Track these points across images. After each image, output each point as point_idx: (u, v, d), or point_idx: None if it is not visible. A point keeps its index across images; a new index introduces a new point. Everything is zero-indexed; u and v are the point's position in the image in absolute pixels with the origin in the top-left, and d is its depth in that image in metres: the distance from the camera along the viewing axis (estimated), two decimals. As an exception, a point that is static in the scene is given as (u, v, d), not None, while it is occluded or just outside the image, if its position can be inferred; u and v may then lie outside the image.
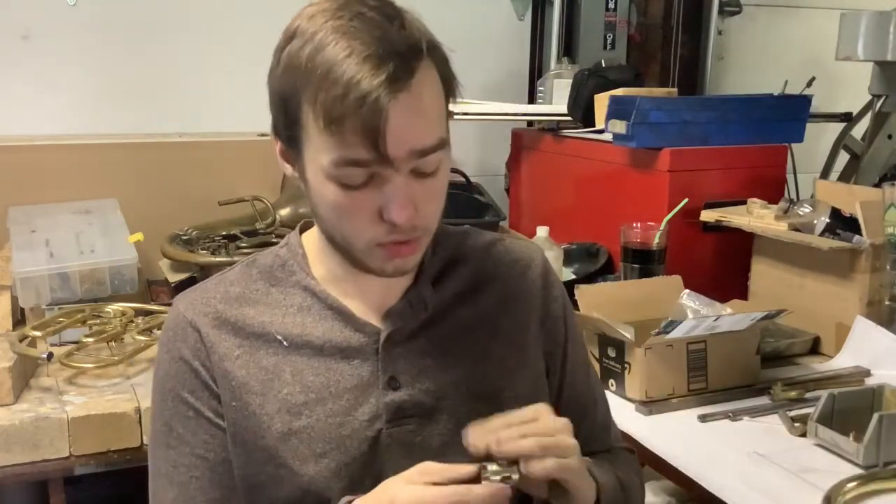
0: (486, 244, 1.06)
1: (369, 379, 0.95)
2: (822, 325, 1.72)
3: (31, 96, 2.18)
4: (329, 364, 0.95)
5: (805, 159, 2.25)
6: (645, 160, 1.92)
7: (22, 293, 1.80)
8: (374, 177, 0.85)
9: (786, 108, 2.05)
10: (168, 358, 0.97)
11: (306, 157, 0.88)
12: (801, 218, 1.73)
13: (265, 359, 0.95)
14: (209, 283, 1.00)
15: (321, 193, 0.89)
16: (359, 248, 0.90)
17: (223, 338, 0.95)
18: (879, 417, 1.25)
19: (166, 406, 0.97)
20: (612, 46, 2.59)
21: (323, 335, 0.95)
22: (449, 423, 0.96)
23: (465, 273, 1.02)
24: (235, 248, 2.01)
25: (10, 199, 2.03)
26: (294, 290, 0.98)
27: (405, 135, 0.83)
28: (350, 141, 0.83)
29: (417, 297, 0.98)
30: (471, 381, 0.98)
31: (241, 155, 2.27)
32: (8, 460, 1.41)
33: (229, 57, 2.33)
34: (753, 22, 2.91)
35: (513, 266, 1.05)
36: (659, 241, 1.76)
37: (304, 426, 0.93)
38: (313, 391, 0.94)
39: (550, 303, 1.06)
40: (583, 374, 1.10)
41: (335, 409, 0.93)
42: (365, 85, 0.81)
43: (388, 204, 0.86)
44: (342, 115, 0.82)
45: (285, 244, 1.02)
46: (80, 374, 1.61)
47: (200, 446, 0.95)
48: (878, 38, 2.11)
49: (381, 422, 0.94)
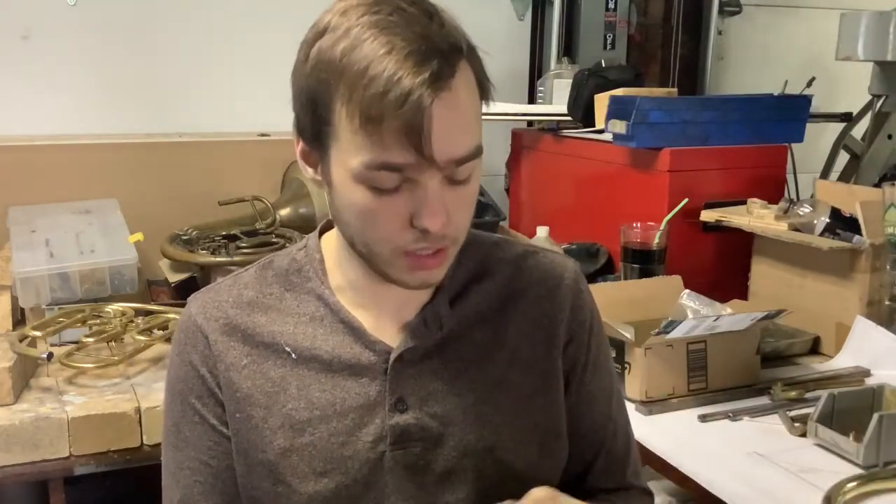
0: (515, 258, 1.00)
1: (376, 399, 0.91)
2: (822, 325, 1.72)
3: (31, 96, 2.18)
4: (336, 381, 0.92)
5: (805, 159, 2.25)
6: (645, 160, 1.92)
7: (22, 293, 1.80)
8: (406, 182, 0.81)
9: (786, 108, 2.05)
10: (179, 360, 0.96)
11: (333, 158, 0.83)
12: (801, 218, 1.73)
13: (272, 370, 0.92)
14: (223, 284, 0.98)
15: (347, 198, 0.83)
16: (383, 256, 0.85)
17: (232, 345, 0.93)
18: (879, 417, 1.25)
19: (175, 407, 0.96)
20: (612, 46, 2.59)
21: (332, 350, 0.92)
22: (455, 449, 0.92)
23: (490, 290, 0.97)
24: (235, 248, 2.01)
25: (10, 199, 2.03)
26: (308, 298, 0.95)
27: (447, 138, 0.79)
28: (388, 142, 0.78)
29: (433, 316, 0.93)
30: (481, 409, 0.93)
31: (241, 155, 2.27)
32: (8, 460, 1.41)
33: (229, 57, 2.34)
34: (753, 22, 2.91)
35: (541, 284, 0.99)
36: (659, 241, 1.76)
37: (306, 443, 0.91)
38: (318, 408, 0.91)
39: (577, 327, 0.99)
40: (603, 403, 1.02)
41: (339, 427, 0.91)
42: (407, 82, 0.76)
43: (420, 210, 0.81)
44: (381, 114, 0.77)
45: (303, 246, 0.98)
46: (80, 374, 1.60)
47: (205, 452, 0.95)
48: (878, 38, 2.11)
49: (384, 444, 0.91)
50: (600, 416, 1.02)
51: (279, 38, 2.35)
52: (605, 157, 2.05)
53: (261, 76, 2.35)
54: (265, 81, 2.35)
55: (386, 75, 0.77)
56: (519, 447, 0.94)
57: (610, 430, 1.03)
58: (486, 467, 0.93)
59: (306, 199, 2.21)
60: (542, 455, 0.96)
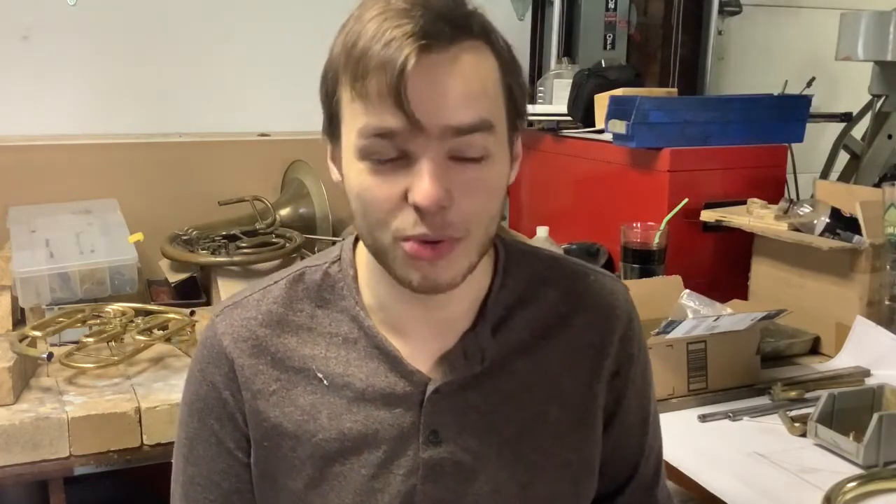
0: (567, 280, 0.93)
1: (409, 430, 0.86)
2: (822, 325, 1.72)
3: (31, 96, 2.18)
4: (369, 411, 0.86)
5: (805, 159, 2.25)
6: (645, 160, 1.92)
7: (22, 293, 1.80)
8: (405, 155, 0.76)
9: (786, 108, 2.05)
10: (200, 377, 0.91)
11: (343, 143, 0.80)
12: (801, 218, 1.73)
13: (302, 397, 0.88)
14: (252, 299, 0.91)
15: (350, 181, 0.79)
16: (385, 245, 0.79)
17: (260, 370, 0.88)
18: (879, 417, 1.25)
19: (192, 422, 0.92)
20: (612, 46, 2.59)
21: (366, 378, 0.87)
22: (486, 485, 0.87)
23: (535, 315, 0.91)
24: (235, 248, 2.01)
25: (10, 199, 2.04)
26: (341, 318, 0.89)
27: (438, 100, 0.74)
28: (375, 102, 0.74)
29: (475, 347, 0.87)
30: (516, 445, 0.89)
31: (241, 155, 2.27)
32: (8, 460, 1.40)
33: (229, 57, 2.33)
34: (753, 22, 2.91)
35: (591, 311, 0.93)
36: (659, 241, 1.76)
37: (336, 474, 0.87)
38: (349, 439, 0.86)
39: (625, 360, 0.94)
40: (641, 431, 0.99)
41: (370, 459, 0.86)
42: (389, 35, 0.73)
43: (412, 183, 0.75)
44: (366, 70, 0.74)
45: (337, 259, 0.91)
46: (80, 374, 1.60)
47: (217, 473, 0.92)
48: (878, 38, 2.11)
49: (416, 477, 0.86)
50: (637, 444, 0.99)
51: (279, 38, 2.37)
52: (605, 157, 2.05)
53: (261, 76, 2.35)
54: (265, 81, 2.36)
55: (371, 31, 0.74)
56: (551, 484, 0.91)
57: (643, 455, 1.00)
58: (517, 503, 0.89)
59: (306, 199, 2.21)
60: (573, 491, 0.93)
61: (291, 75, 2.36)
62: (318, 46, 0.86)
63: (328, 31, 0.83)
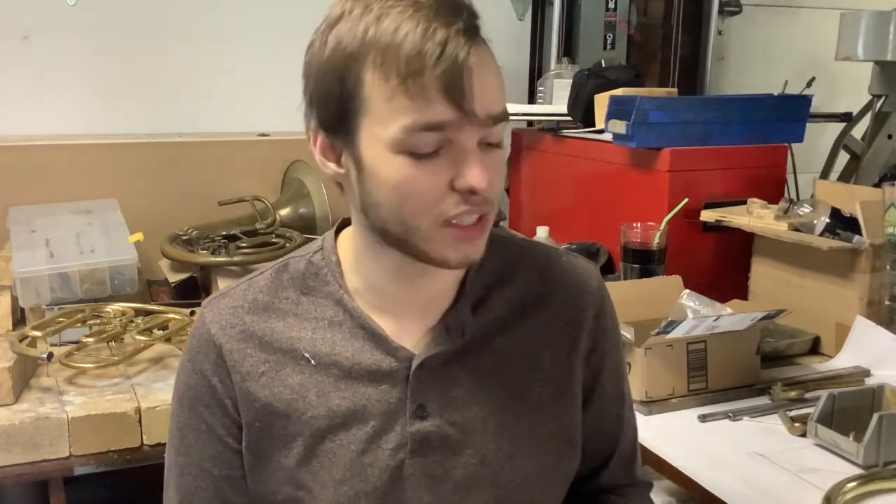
0: (541, 261, 0.99)
1: (396, 406, 0.90)
2: (822, 325, 1.72)
3: (31, 96, 2.18)
4: (356, 388, 0.90)
5: (805, 159, 2.25)
6: (645, 160, 1.92)
7: (22, 293, 1.80)
8: (444, 145, 0.80)
9: (786, 108, 2.05)
10: (190, 367, 0.94)
11: (363, 136, 0.82)
12: (801, 218, 1.73)
13: (291, 377, 0.91)
14: (238, 289, 0.95)
15: (384, 172, 0.81)
16: (423, 230, 0.83)
17: (248, 353, 0.92)
18: (879, 417, 1.25)
19: (182, 412, 0.95)
20: (612, 46, 2.59)
21: (352, 356, 0.91)
22: (473, 457, 0.91)
23: (512, 295, 0.95)
24: (235, 248, 2.01)
25: (10, 199, 2.04)
26: (326, 302, 0.93)
27: (485, 91, 0.79)
28: (429, 97, 0.78)
29: (456, 322, 0.92)
30: (500, 417, 0.93)
31: (241, 155, 2.28)
32: (8, 460, 1.41)
33: (229, 57, 2.34)
34: (753, 22, 2.91)
35: (565, 290, 0.97)
36: (659, 241, 1.76)
37: (326, 451, 0.90)
38: (338, 416, 0.90)
39: (601, 335, 0.99)
40: (618, 406, 1.04)
41: (359, 435, 0.90)
42: (441, 34, 0.77)
43: (463, 169, 0.80)
44: (421, 68, 0.77)
45: (319, 249, 0.96)
46: (80, 374, 1.60)
47: (208, 460, 0.94)
48: (878, 38, 2.11)
49: (404, 451, 0.90)
50: (616, 418, 1.04)
51: (279, 38, 2.36)
52: (605, 157, 2.05)
53: (261, 76, 2.35)
54: (265, 82, 2.36)
55: (420, 29, 0.77)
56: (536, 455, 0.94)
57: (622, 430, 1.05)
58: (504, 475, 0.92)
59: (306, 199, 2.21)
60: (557, 462, 0.97)
61: (291, 75, 2.36)
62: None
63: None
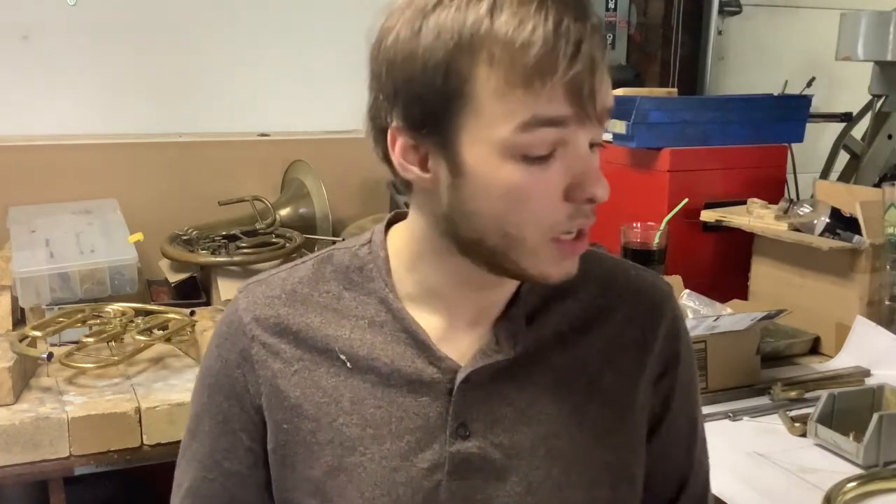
0: (607, 273, 0.90)
1: (436, 422, 0.82)
2: (822, 325, 1.72)
3: (31, 96, 2.18)
4: (393, 396, 0.83)
5: (805, 159, 2.25)
6: (645, 160, 1.92)
7: (22, 293, 1.80)
8: (559, 146, 0.74)
9: (786, 108, 2.05)
10: (216, 353, 0.88)
11: (465, 138, 0.74)
12: (801, 218, 1.73)
13: (324, 379, 0.84)
14: (278, 276, 0.89)
15: (491, 179, 0.74)
16: (529, 243, 0.76)
17: (282, 348, 0.85)
18: (879, 417, 1.25)
19: (202, 398, 0.90)
20: (612, 46, 2.60)
21: (392, 362, 0.83)
22: (518, 485, 0.82)
23: (573, 308, 0.87)
24: (235, 248, 2.01)
25: (10, 199, 2.03)
26: (368, 300, 0.85)
27: (604, 87, 0.74)
28: (553, 96, 0.71)
29: (508, 333, 0.83)
30: (552, 443, 0.83)
31: (241, 155, 2.27)
32: (8, 460, 1.40)
33: (230, 57, 2.33)
34: (753, 22, 2.91)
35: (634, 306, 0.89)
36: (659, 241, 1.76)
37: (356, 464, 0.83)
38: (371, 426, 0.83)
39: (672, 358, 0.89)
40: (690, 440, 0.94)
41: (392, 450, 0.82)
42: (575, 32, 0.71)
43: (582, 178, 0.75)
44: (553, 67, 0.70)
45: (367, 242, 0.88)
46: (80, 374, 1.60)
47: (220, 452, 0.89)
48: (878, 38, 2.11)
49: (441, 473, 0.82)
50: (685, 454, 0.94)
51: (279, 38, 2.36)
52: (605, 157, 2.01)
53: (261, 76, 2.35)
54: (265, 81, 2.36)
55: (551, 24, 0.71)
56: (589, 489, 0.85)
57: (692, 468, 0.95)
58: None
59: (306, 199, 2.21)
60: (612, 497, 0.86)
61: (291, 75, 2.36)
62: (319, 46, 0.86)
63: (328, 31, 0.83)
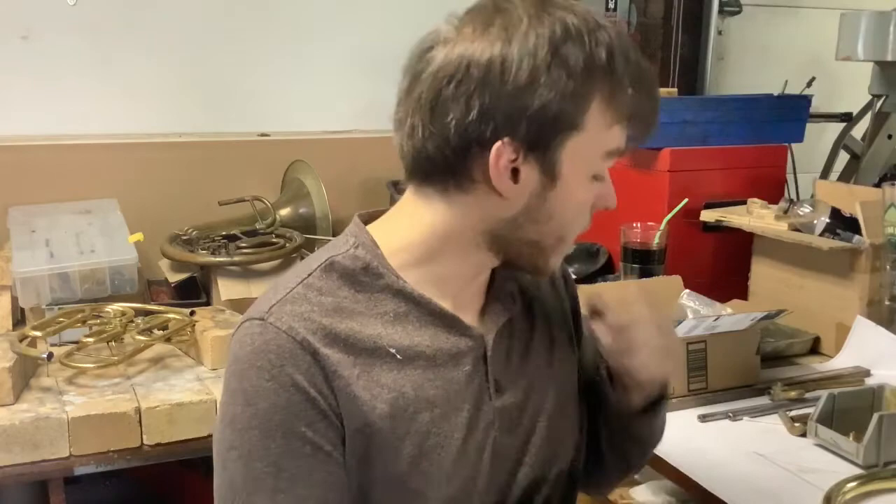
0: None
1: (480, 384, 0.92)
2: (822, 325, 1.72)
3: (31, 96, 2.18)
4: (444, 374, 0.89)
5: (805, 159, 2.25)
6: (645, 160, 1.92)
7: (22, 293, 1.80)
8: None
9: (786, 108, 2.05)
10: (273, 387, 0.83)
11: (567, 154, 0.86)
12: (801, 218, 1.73)
13: (384, 375, 0.87)
14: (294, 294, 0.88)
15: (574, 194, 0.89)
16: (565, 242, 0.93)
17: (339, 357, 0.85)
18: (879, 417, 1.25)
19: (275, 443, 0.83)
20: (611, 46, 2.59)
21: (431, 343, 0.89)
22: (542, 420, 0.97)
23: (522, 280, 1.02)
24: (235, 248, 2.01)
25: (10, 199, 2.03)
26: (383, 296, 0.89)
27: None
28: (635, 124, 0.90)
29: (504, 292, 0.97)
30: (547, 371, 1.00)
31: (241, 155, 2.27)
32: (8, 460, 1.40)
33: (230, 57, 2.33)
34: (753, 22, 2.90)
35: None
36: (659, 241, 1.76)
37: (434, 446, 0.88)
38: (437, 405, 0.88)
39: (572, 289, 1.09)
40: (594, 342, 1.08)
41: (459, 422, 0.89)
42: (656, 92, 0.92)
43: (607, 193, 0.93)
44: (645, 115, 0.90)
45: (357, 244, 0.91)
46: (80, 374, 1.60)
47: (319, 486, 0.84)
48: (878, 38, 2.11)
49: (493, 429, 0.92)
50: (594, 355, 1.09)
51: (279, 39, 2.37)
52: (605, 157, 2.04)
53: (261, 76, 2.35)
54: (265, 81, 2.36)
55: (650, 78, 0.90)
56: (575, 401, 1.03)
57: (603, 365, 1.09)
58: (552, 427, 0.98)
59: (306, 199, 2.21)
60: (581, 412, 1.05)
61: (291, 75, 2.36)
62: (318, 46, 0.86)
63: (328, 31, 0.83)
